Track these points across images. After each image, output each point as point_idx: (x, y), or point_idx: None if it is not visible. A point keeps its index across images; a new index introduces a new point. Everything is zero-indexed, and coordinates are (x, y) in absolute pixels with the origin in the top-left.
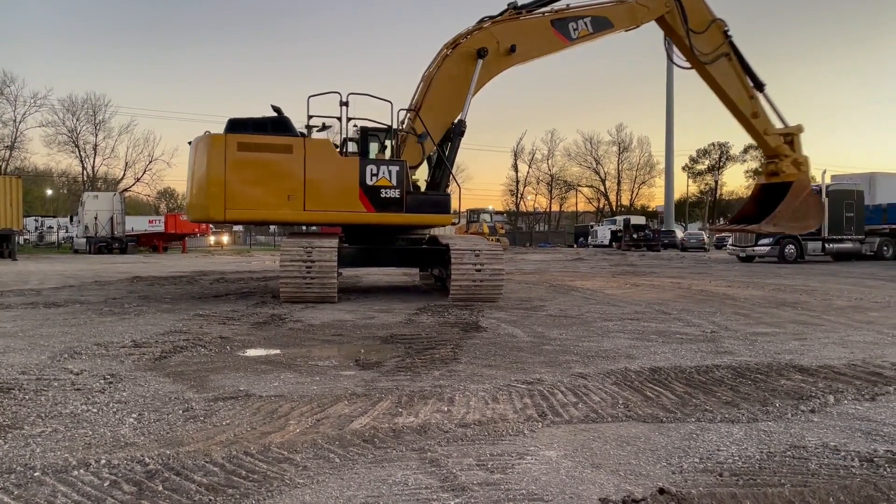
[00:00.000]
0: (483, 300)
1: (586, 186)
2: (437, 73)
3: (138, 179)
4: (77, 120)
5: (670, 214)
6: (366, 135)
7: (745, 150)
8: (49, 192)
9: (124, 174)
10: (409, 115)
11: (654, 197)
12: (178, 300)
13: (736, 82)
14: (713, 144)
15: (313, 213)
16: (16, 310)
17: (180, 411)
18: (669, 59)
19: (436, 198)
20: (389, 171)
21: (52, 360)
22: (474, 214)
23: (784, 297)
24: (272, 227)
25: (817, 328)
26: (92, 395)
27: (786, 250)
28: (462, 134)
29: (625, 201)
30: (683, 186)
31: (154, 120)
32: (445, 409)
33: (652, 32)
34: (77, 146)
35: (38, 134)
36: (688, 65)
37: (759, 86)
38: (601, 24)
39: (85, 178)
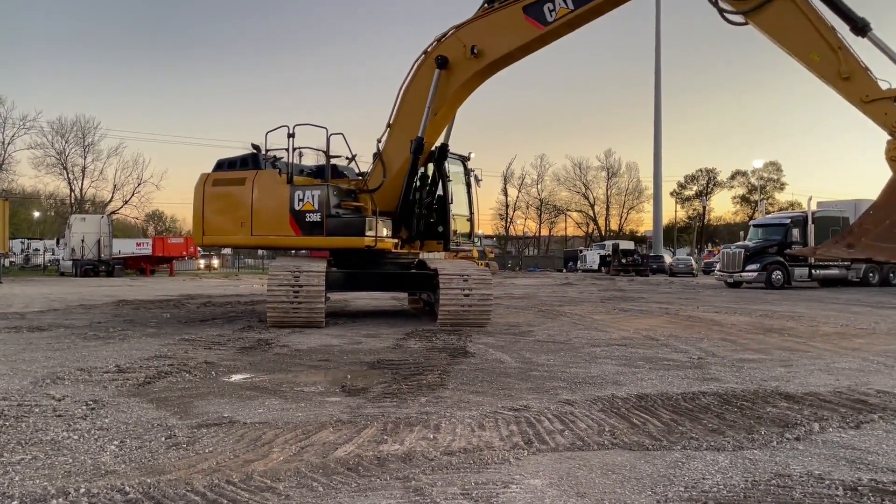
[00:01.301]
0: (471, 325)
1: (575, 211)
2: (406, 86)
3: (126, 202)
4: (66, 142)
5: (659, 239)
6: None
7: (733, 177)
8: (36, 214)
9: (112, 197)
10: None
11: (643, 222)
12: (164, 324)
13: (803, 31)
14: (701, 170)
15: (258, 238)
16: None
17: (163, 438)
18: (719, 12)
19: (349, 220)
20: (312, 196)
21: (34, 386)
22: None
23: (771, 324)
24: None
25: (803, 355)
26: (73, 421)
27: (773, 276)
28: (417, 152)
29: (614, 226)
30: (672, 212)
31: (143, 143)
32: (431, 436)
33: (644, 54)
34: (65, 168)
35: (27, 156)
36: (740, 19)
37: (858, 29)
38: None
39: (73, 201)
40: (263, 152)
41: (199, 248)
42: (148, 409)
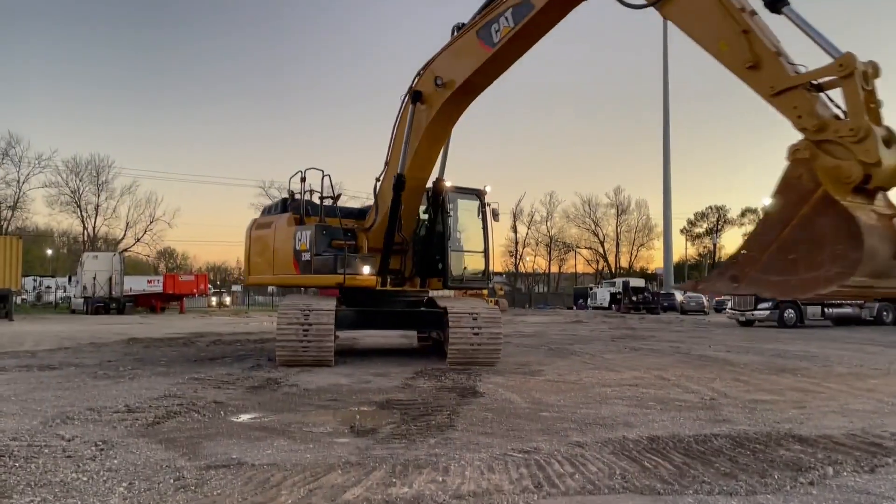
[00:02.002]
0: (481, 364)
1: (585, 248)
2: (395, 124)
3: (139, 240)
4: (80, 181)
5: (669, 277)
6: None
7: (743, 214)
8: (49, 251)
9: (125, 234)
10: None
11: (653, 259)
12: (174, 363)
13: (711, 15)
14: (711, 207)
15: (277, 277)
16: (10, 372)
17: (171, 480)
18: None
19: (325, 258)
20: (306, 236)
21: (44, 426)
22: None
23: (783, 364)
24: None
25: (817, 396)
26: (83, 462)
27: (785, 315)
28: (397, 189)
29: (624, 263)
30: (682, 249)
31: (157, 181)
32: (440, 479)
33: (652, 91)
34: (79, 207)
35: (41, 194)
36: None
37: (772, 4)
38: (522, 13)
39: (86, 239)
40: (290, 194)
41: (209, 286)
42: (157, 449)
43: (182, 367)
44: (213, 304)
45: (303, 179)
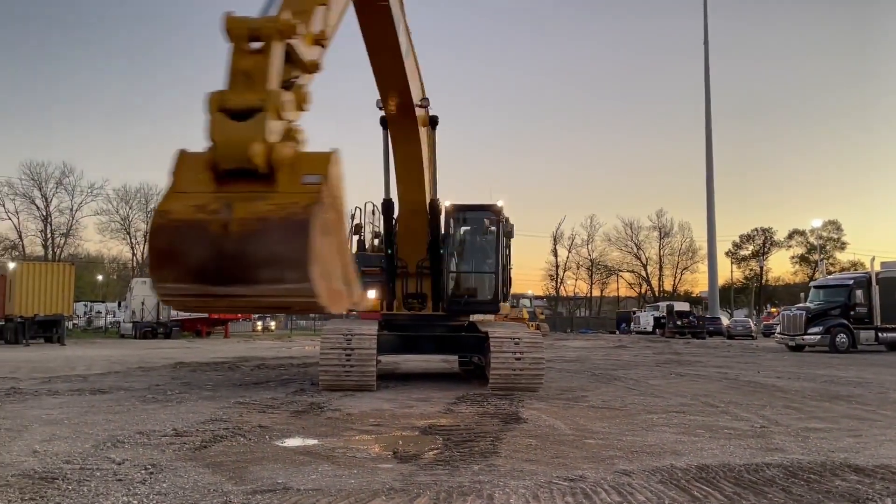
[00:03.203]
0: (523, 389)
1: (627, 271)
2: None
3: None
4: (130, 208)
5: (715, 300)
6: None
7: (790, 236)
8: (100, 277)
9: None
10: None
11: (698, 283)
12: (220, 387)
13: None
14: (756, 230)
15: None
16: (63, 396)
17: None
18: None
19: None
20: None
21: (96, 449)
22: (514, 300)
23: (837, 390)
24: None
25: (873, 424)
26: (133, 485)
27: (837, 339)
28: (385, 212)
29: (667, 287)
30: (727, 272)
31: None
32: None
33: (695, 111)
34: (128, 233)
35: (93, 222)
36: None
37: None
38: None
39: (134, 265)
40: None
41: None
42: (204, 473)
43: (227, 392)
44: (258, 328)
45: (373, 212)
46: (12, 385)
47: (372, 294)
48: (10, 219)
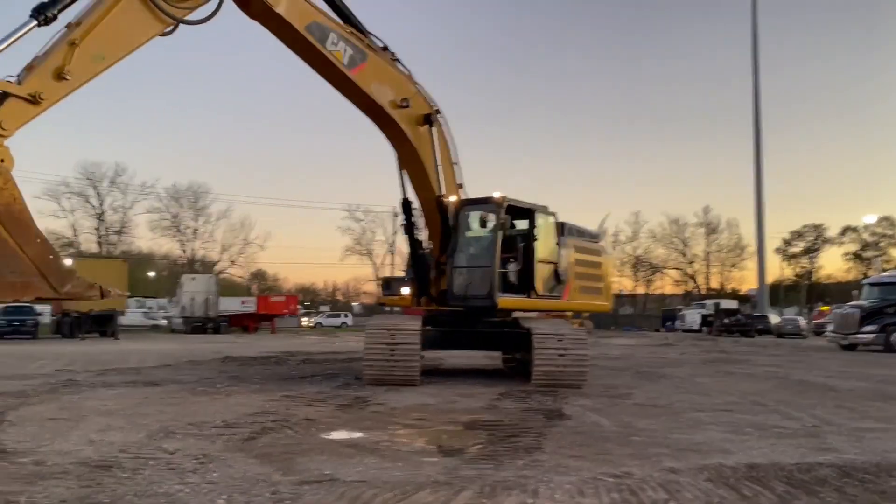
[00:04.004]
0: (567, 386)
1: (673, 269)
2: None
3: (233, 262)
4: (180, 207)
5: (764, 298)
6: None
7: (843, 233)
8: (151, 274)
9: (220, 257)
10: None
11: (746, 280)
12: (267, 380)
13: None
14: (807, 226)
15: None
16: (117, 388)
17: (268, 494)
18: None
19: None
20: None
21: (149, 439)
22: None
23: (892, 390)
24: (356, 308)
25: None
26: (185, 475)
27: (892, 338)
28: (404, 211)
29: (714, 284)
30: (777, 270)
31: (249, 206)
32: (530, 501)
33: (742, 105)
34: (179, 231)
35: (145, 219)
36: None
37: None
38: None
39: (184, 261)
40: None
41: (298, 307)
42: (253, 464)
43: (275, 385)
44: (304, 323)
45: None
46: (69, 377)
47: (404, 291)
48: (66, 217)
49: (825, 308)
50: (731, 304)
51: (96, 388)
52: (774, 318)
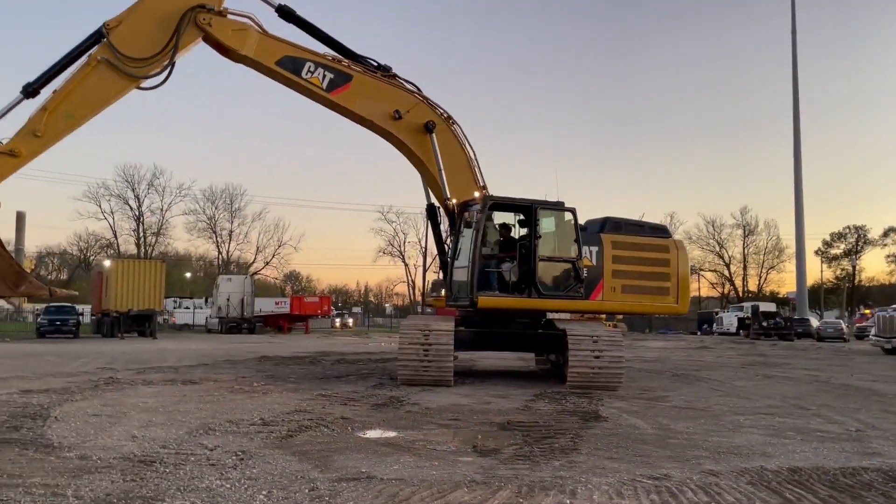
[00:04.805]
0: (602, 388)
1: (709, 271)
2: None
3: (268, 263)
4: (216, 208)
5: (803, 301)
6: None
7: (885, 234)
8: (188, 274)
9: (255, 258)
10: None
11: (785, 282)
12: (302, 380)
13: None
14: (849, 227)
15: None
16: (156, 386)
17: (306, 490)
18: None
19: None
20: None
21: (189, 436)
22: None
23: None
24: (388, 309)
25: None
26: (225, 470)
27: None
28: (428, 216)
29: (752, 287)
30: (817, 272)
31: (283, 207)
32: (567, 501)
33: (780, 104)
34: (214, 232)
35: (181, 221)
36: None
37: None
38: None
39: (220, 262)
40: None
41: (332, 308)
42: (291, 461)
43: (310, 384)
44: (338, 324)
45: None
46: (111, 375)
47: (441, 293)
48: (106, 219)
49: (868, 311)
50: (769, 306)
51: (136, 385)
52: (814, 322)
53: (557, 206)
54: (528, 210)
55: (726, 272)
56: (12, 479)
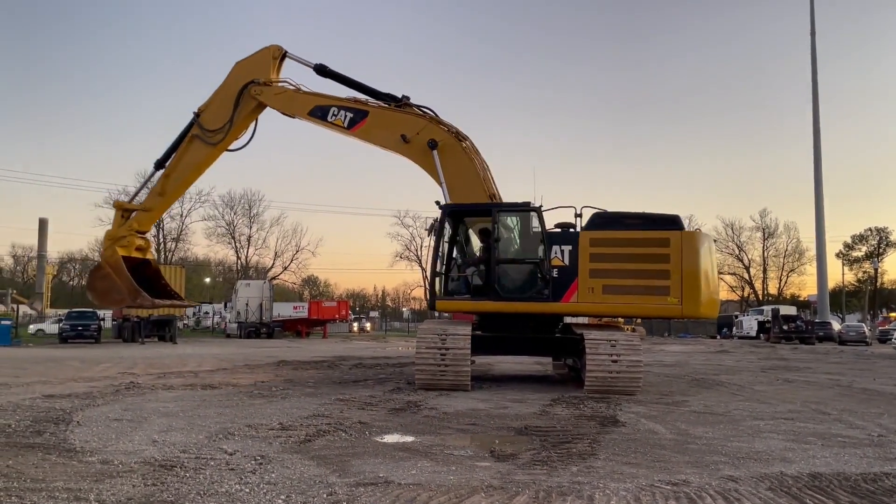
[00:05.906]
0: (620, 393)
1: (729, 274)
2: None
3: (286, 268)
4: (234, 214)
5: (824, 304)
6: None
7: None
8: (207, 280)
9: (273, 263)
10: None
11: (805, 286)
12: (320, 384)
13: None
14: (870, 230)
15: None
16: (177, 391)
17: (324, 495)
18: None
19: None
20: None
21: (209, 440)
22: None
23: None
24: (406, 313)
25: None
26: (245, 475)
27: None
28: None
29: (772, 290)
30: (838, 275)
31: (301, 212)
32: None
33: (799, 105)
34: (233, 238)
35: (201, 227)
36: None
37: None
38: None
39: (239, 268)
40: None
41: (349, 312)
42: (309, 465)
43: (328, 389)
44: (356, 329)
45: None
46: (131, 380)
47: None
48: None
49: (891, 315)
50: (790, 310)
51: (157, 390)
52: (836, 325)
53: (520, 207)
54: (488, 213)
55: (746, 275)
56: (36, 483)
